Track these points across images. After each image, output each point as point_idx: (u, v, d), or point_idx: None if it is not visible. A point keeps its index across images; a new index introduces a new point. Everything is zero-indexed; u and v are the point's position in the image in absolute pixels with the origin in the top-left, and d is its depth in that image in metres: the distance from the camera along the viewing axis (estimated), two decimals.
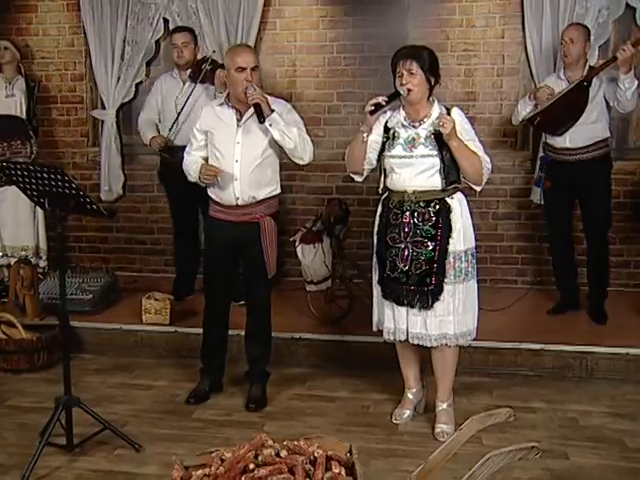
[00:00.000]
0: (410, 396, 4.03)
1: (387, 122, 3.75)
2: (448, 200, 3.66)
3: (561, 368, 4.52)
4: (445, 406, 3.87)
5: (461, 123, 3.64)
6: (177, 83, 5.35)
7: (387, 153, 3.71)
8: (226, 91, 5.02)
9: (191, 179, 4.08)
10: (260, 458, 2.55)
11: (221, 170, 3.90)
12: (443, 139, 3.55)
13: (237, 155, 3.92)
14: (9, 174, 3.50)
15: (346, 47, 5.88)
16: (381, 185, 3.83)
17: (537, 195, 5.28)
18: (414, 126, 3.67)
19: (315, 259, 4.90)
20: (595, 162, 4.86)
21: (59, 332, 4.44)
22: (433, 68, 3.65)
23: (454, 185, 3.67)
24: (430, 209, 3.64)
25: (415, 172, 3.63)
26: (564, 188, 4.96)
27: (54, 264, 5.81)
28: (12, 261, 5.54)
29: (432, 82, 3.66)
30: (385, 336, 3.86)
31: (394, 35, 5.60)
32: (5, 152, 5.56)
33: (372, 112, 3.62)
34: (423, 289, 3.66)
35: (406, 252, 3.67)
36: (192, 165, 4.03)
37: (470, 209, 3.78)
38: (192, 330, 4.77)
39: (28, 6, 6.26)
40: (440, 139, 3.57)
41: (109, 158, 6.20)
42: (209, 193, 4.07)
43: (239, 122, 3.95)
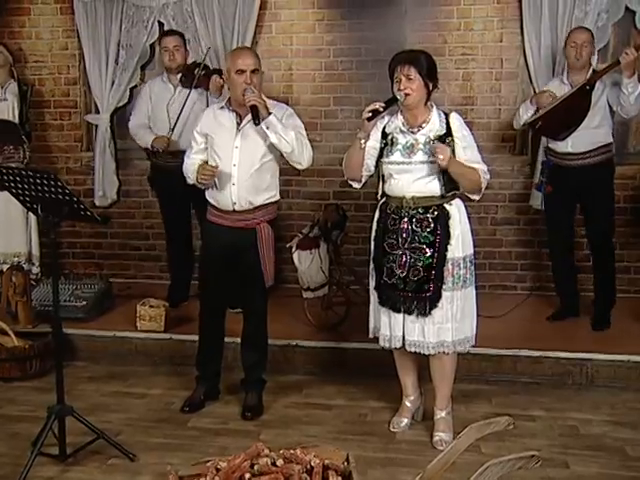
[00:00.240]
0: (408, 404, 4.00)
1: (385, 127, 3.74)
2: (447, 206, 3.64)
3: (561, 375, 4.49)
4: (443, 414, 3.85)
5: (459, 128, 3.63)
6: (168, 88, 5.32)
7: (385, 159, 3.69)
8: (221, 96, 5.03)
9: (189, 181, 4.07)
10: (256, 467, 2.56)
11: (218, 170, 3.87)
12: (442, 144, 3.54)
13: (235, 159, 3.89)
14: (1, 179, 3.46)
15: (343, 51, 5.86)
16: (379, 191, 3.81)
17: (537, 200, 5.29)
18: (412, 132, 3.66)
19: (312, 265, 4.89)
20: (597, 167, 4.83)
21: (52, 339, 4.39)
22: (431, 73, 3.63)
23: (453, 192, 3.65)
24: (428, 215, 3.62)
25: (413, 178, 3.62)
26: (566, 193, 4.93)
27: (47, 270, 5.79)
28: (4, 268, 5.48)
29: (430, 87, 3.64)
30: (381, 343, 3.84)
31: (391, 39, 5.59)
32: None
33: (369, 118, 3.59)
34: (421, 296, 3.64)
35: (404, 258, 3.66)
36: (191, 167, 4.03)
37: (468, 215, 3.76)
38: (187, 337, 4.75)
39: (21, 9, 6.21)
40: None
41: (103, 163, 6.16)
42: (207, 197, 4.05)
43: (239, 126, 3.93)
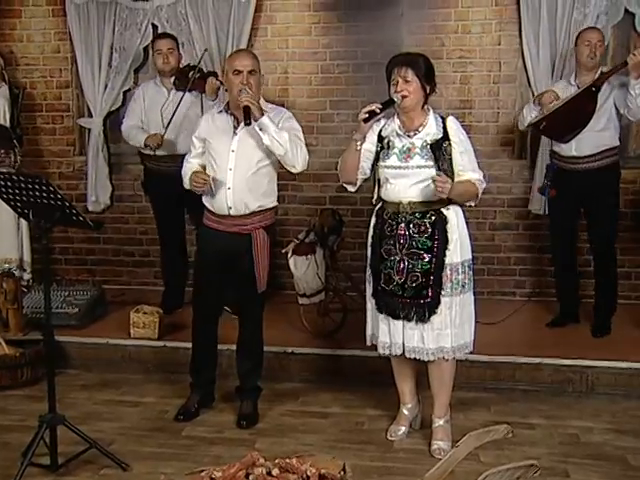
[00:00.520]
0: (405, 412, 3.97)
1: (381, 131, 3.71)
2: (444, 211, 3.61)
3: (561, 383, 4.45)
4: (442, 422, 3.82)
5: (456, 133, 3.61)
6: (161, 91, 5.28)
7: (382, 163, 3.67)
8: (217, 98, 5.00)
9: (186, 186, 4.06)
10: (251, 477, 2.52)
11: (211, 178, 3.85)
12: (439, 149, 3.54)
13: (231, 163, 3.87)
14: None
15: (339, 54, 5.83)
16: (375, 195, 3.78)
17: (536, 205, 5.25)
18: (409, 135, 3.63)
19: (308, 271, 4.85)
20: (602, 171, 4.79)
21: (43, 347, 4.36)
22: (429, 76, 3.61)
23: None
24: (426, 220, 3.59)
25: (410, 183, 3.59)
26: (570, 197, 4.88)
27: (38, 277, 5.73)
28: None
29: (427, 90, 3.62)
30: (380, 351, 3.80)
31: (388, 42, 5.55)
32: None
33: (366, 120, 3.57)
34: (419, 302, 3.61)
35: (402, 264, 3.62)
36: (188, 172, 4.01)
37: (466, 219, 3.74)
38: (181, 344, 4.70)
39: (12, 11, 6.15)
40: (436, 149, 3.55)
41: (96, 168, 6.10)
42: (203, 201, 4.02)
43: (235, 130, 3.90)
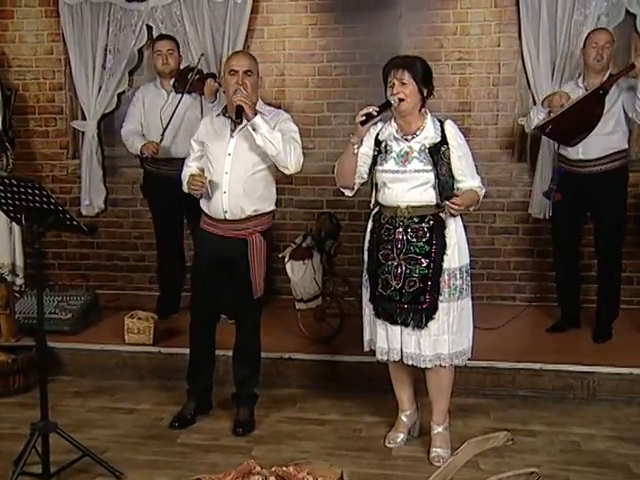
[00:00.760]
0: (404, 419, 3.93)
1: (378, 135, 3.68)
2: (442, 215, 3.58)
3: (562, 389, 4.42)
4: (441, 429, 3.79)
5: (455, 136, 3.59)
6: (161, 94, 5.25)
7: (379, 167, 3.64)
8: (216, 100, 4.98)
9: (184, 189, 4.05)
10: None
11: (206, 181, 3.83)
12: (437, 153, 3.52)
13: (227, 167, 3.85)
14: None
15: (337, 56, 5.80)
16: (372, 200, 3.75)
17: (536, 208, 5.21)
18: (407, 139, 3.60)
19: (305, 276, 4.81)
20: (610, 175, 4.73)
21: (36, 353, 4.31)
22: (426, 79, 3.59)
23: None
24: (424, 225, 3.56)
25: (408, 187, 3.56)
26: (575, 201, 4.83)
27: (31, 282, 5.67)
28: None
29: (425, 93, 3.59)
30: (378, 356, 3.77)
31: (386, 43, 5.54)
32: None
33: (363, 122, 3.55)
34: (417, 307, 3.58)
35: (399, 269, 3.59)
36: (186, 175, 4.01)
37: (464, 224, 3.71)
38: (177, 350, 4.67)
39: (4, 12, 6.10)
40: (434, 153, 3.52)
41: (90, 171, 6.06)
42: (201, 205, 4.01)
43: (232, 133, 3.88)
